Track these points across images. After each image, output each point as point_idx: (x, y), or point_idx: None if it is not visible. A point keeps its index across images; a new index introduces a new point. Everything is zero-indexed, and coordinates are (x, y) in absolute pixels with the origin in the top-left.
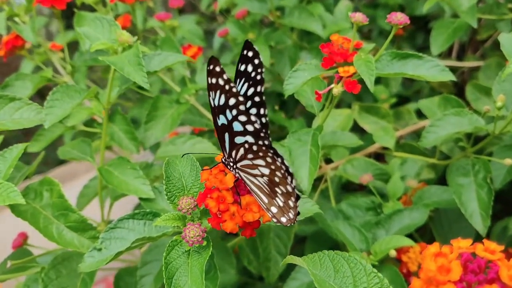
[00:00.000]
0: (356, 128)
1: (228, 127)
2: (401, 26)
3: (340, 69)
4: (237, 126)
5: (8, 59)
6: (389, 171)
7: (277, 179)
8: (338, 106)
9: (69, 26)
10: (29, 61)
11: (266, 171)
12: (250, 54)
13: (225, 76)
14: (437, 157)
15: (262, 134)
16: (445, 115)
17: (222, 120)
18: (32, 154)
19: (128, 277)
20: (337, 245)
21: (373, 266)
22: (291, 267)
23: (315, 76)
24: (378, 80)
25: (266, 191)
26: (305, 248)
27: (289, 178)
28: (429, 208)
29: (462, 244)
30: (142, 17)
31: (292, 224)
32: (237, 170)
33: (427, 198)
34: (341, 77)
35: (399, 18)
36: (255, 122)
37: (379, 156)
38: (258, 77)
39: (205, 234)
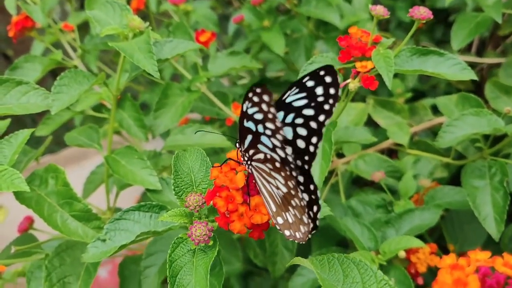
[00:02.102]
0: (370, 122)
1: (254, 133)
2: (424, 21)
3: (358, 64)
4: (266, 141)
5: (24, 38)
6: (401, 169)
7: (293, 203)
8: (352, 99)
9: (83, 5)
10: (40, 42)
11: (283, 188)
12: (328, 79)
13: (272, 110)
14: (452, 156)
15: (292, 165)
16: (463, 115)
17: (249, 125)
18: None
19: (133, 265)
20: (344, 240)
21: (381, 266)
22: None
23: None
24: (395, 74)
25: (277, 201)
26: (312, 243)
27: (306, 210)
28: (441, 209)
29: (480, 256)
30: (156, 0)
31: (294, 240)
32: (250, 167)
33: (440, 198)
34: (358, 72)
35: (422, 13)
36: (288, 154)
37: (392, 152)
38: (326, 107)
39: (212, 234)
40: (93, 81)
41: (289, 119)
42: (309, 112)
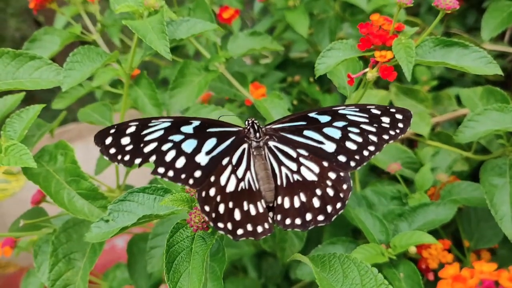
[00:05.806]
0: None
1: None
2: (449, 12)
3: (377, 53)
4: None
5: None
6: (420, 161)
7: (319, 192)
8: (376, 85)
9: None
10: (61, 15)
11: (311, 176)
12: (399, 116)
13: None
14: (473, 151)
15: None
16: (486, 110)
17: None
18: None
19: (142, 243)
20: (357, 230)
21: (391, 260)
22: (307, 247)
23: (349, 58)
24: None
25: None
26: (324, 231)
27: None
28: (457, 205)
29: (485, 268)
30: None
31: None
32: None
33: (457, 193)
34: (377, 62)
35: (448, 3)
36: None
37: (411, 142)
38: (392, 132)
39: None
40: (105, 59)
41: (339, 124)
42: (369, 128)
